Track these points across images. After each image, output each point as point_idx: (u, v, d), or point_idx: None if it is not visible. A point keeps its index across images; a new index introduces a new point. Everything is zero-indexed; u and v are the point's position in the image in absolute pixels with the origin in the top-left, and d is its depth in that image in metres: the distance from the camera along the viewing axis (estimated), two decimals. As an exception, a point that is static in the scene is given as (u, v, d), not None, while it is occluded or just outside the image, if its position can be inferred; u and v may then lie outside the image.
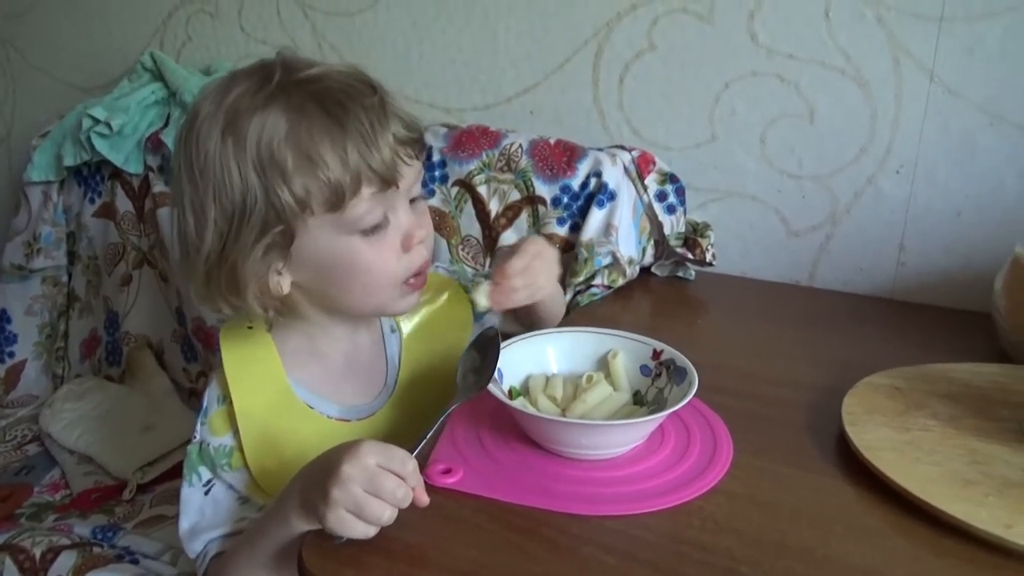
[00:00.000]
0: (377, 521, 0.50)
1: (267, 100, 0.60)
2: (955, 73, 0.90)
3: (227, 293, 0.62)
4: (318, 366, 0.70)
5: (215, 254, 0.61)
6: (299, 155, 0.59)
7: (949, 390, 0.69)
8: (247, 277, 0.61)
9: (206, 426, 0.67)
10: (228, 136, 0.59)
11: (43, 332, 1.35)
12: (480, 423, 0.65)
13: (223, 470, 0.66)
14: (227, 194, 0.59)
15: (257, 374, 0.68)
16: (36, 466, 1.14)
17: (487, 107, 1.16)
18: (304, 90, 0.60)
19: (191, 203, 0.61)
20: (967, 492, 0.55)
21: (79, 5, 1.43)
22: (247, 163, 0.59)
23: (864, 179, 0.97)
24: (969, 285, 0.94)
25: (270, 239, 0.60)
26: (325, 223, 0.61)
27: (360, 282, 0.64)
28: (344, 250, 0.62)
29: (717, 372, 0.68)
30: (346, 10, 1.21)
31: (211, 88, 0.62)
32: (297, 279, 0.64)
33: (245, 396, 0.66)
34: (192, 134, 0.61)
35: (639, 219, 1.01)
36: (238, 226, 0.59)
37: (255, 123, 0.59)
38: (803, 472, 0.61)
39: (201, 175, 0.60)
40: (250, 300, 0.62)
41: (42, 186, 1.31)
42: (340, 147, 0.59)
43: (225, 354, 0.68)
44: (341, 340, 0.71)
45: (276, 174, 0.58)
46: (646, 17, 1.03)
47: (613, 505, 0.55)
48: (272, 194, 0.59)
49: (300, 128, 0.59)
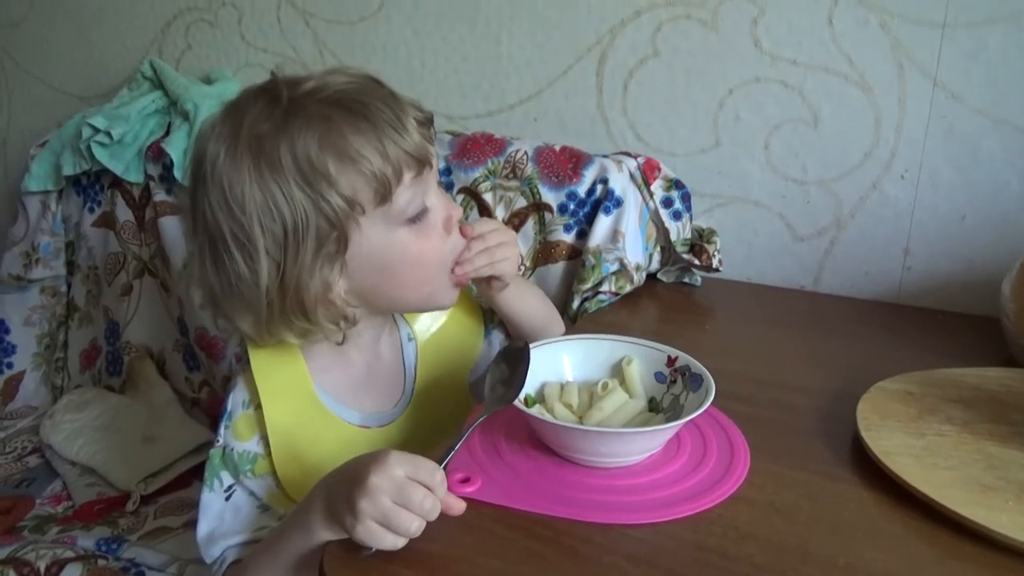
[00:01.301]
0: (406, 532, 0.50)
1: (285, 118, 0.60)
2: (958, 78, 0.91)
3: (295, 318, 0.62)
4: (342, 373, 0.71)
5: (275, 284, 0.61)
6: (339, 157, 0.59)
7: (961, 395, 0.70)
8: (314, 296, 0.62)
9: (230, 430, 0.67)
10: (260, 163, 0.59)
11: (42, 343, 1.34)
12: (496, 431, 0.64)
13: (246, 476, 0.65)
14: (275, 219, 0.59)
15: (284, 380, 0.68)
16: (37, 478, 1.13)
17: (490, 114, 1.16)
18: (317, 99, 0.61)
19: (235, 240, 0.60)
20: (987, 498, 0.55)
21: (77, 14, 1.42)
22: (289, 182, 0.59)
23: (869, 184, 0.98)
24: (975, 289, 0.94)
25: (327, 250, 0.61)
26: (375, 220, 0.62)
27: (413, 272, 0.66)
28: (397, 243, 0.64)
29: (727, 377, 0.68)
30: (348, 18, 1.21)
31: (214, 127, 0.62)
32: (352, 284, 0.65)
33: (273, 402, 0.66)
34: (216, 174, 0.60)
35: (645, 225, 1.01)
36: (295, 247, 0.60)
37: (284, 143, 0.59)
38: (820, 478, 0.61)
39: (242, 210, 0.59)
40: (321, 319, 0.63)
41: (40, 196, 1.30)
42: (375, 140, 0.60)
43: (253, 359, 0.67)
44: (366, 348, 0.72)
45: (321, 182, 0.59)
46: (650, 24, 1.03)
47: (633, 513, 0.55)
48: (322, 203, 0.59)
49: (331, 133, 0.60)
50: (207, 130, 0.62)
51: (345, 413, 0.69)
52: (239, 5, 1.28)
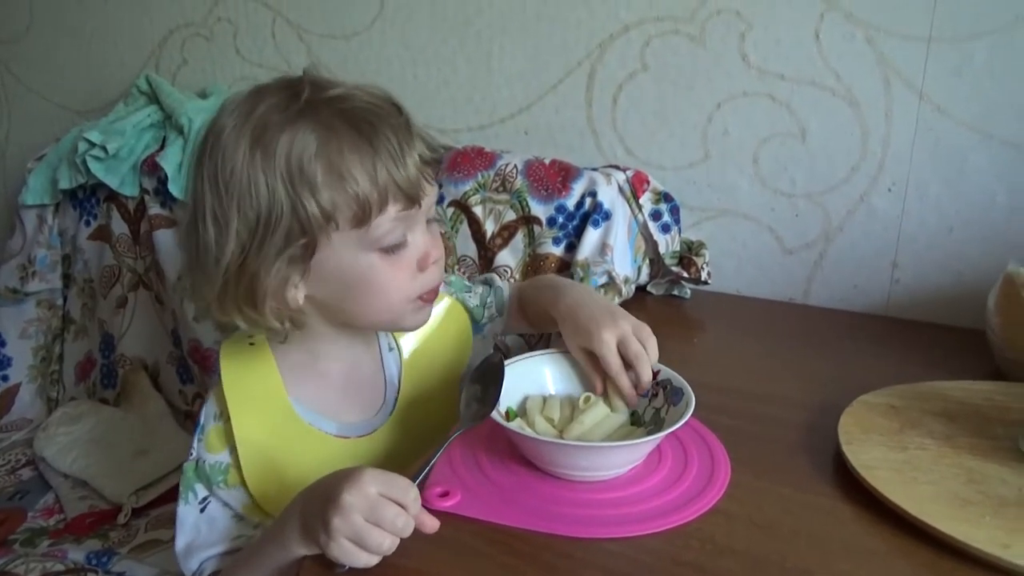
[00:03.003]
0: (378, 550, 0.50)
1: (296, 116, 0.60)
2: (944, 92, 0.91)
3: (244, 304, 0.62)
4: (318, 383, 0.70)
5: (235, 265, 0.61)
6: (329, 170, 0.60)
7: (945, 408, 0.70)
8: (266, 288, 0.62)
9: (203, 443, 0.67)
10: (256, 149, 0.60)
11: (38, 355, 1.35)
12: (477, 445, 0.64)
13: (219, 487, 0.66)
14: (252, 205, 0.60)
15: (257, 392, 0.68)
16: (30, 491, 1.13)
17: (481, 128, 1.17)
18: (332, 108, 0.61)
19: (213, 213, 0.61)
20: (965, 512, 0.55)
21: (74, 28, 1.43)
22: (275, 175, 0.59)
23: (856, 197, 0.98)
24: (962, 302, 0.95)
25: (292, 251, 0.61)
26: (348, 238, 0.62)
27: (374, 298, 0.65)
28: (364, 266, 0.63)
29: (713, 391, 0.68)
30: (341, 33, 1.22)
31: (235, 103, 0.63)
32: (312, 292, 0.65)
33: (244, 415, 0.66)
34: (217, 147, 0.61)
35: (634, 238, 1.02)
36: (262, 237, 0.60)
37: (284, 138, 0.59)
38: (801, 492, 0.61)
39: (226, 187, 0.60)
40: (267, 312, 0.63)
41: (37, 209, 1.31)
42: (369, 164, 0.60)
43: (224, 371, 0.68)
44: (341, 357, 0.71)
45: (305, 187, 0.59)
46: (638, 38, 1.04)
47: (612, 527, 0.55)
48: (299, 206, 0.59)
49: (330, 144, 0.60)
50: (228, 103, 0.63)
51: (321, 423, 0.69)
52: (234, 20, 1.30)
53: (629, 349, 0.65)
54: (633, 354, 0.65)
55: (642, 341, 0.66)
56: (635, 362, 0.65)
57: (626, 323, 0.67)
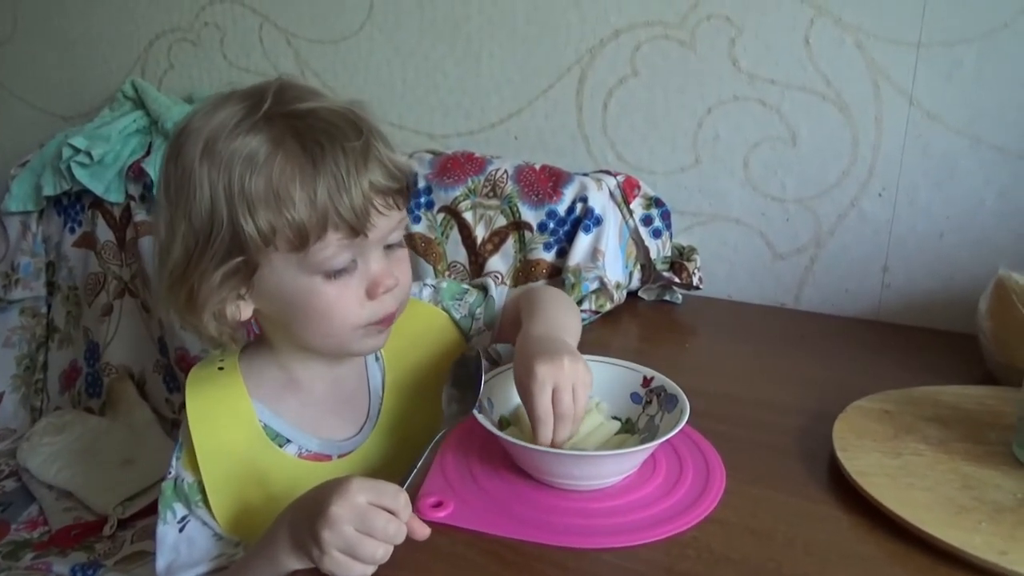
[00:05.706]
0: (372, 560, 0.49)
1: (250, 128, 0.59)
2: (934, 97, 0.91)
3: (184, 311, 0.62)
4: (296, 398, 0.68)
5: (179, 269, 0.60)
6: (268, 190, 0.57)
7: (938, 413, 0.69)
8: (204, 299, 0.60)
9: (180, 461, 0.65)
10: (206, 157, 0.58)
11: (21, 364, 1.33)
12: (470, 454, 0.64)
13: (197, 506, 0.64)
14: (196, 213, 0.58)
15: (223, 420, 0.65)
16: (13, 503, 1.11)
17: (471, 133, 1.16)
18: (288, 123, 0.59)
19: (165, 215, 0.61)
20: (960, 519, 0.55)
21: (59, 33, 1.42)
22: (219, 187, 0.58)
23: (847, 202, 0.98)
24: (953, 306, 0.95)
25: (231, 266, 0.59)
26: (289, 260, 0.59)
27: (318, 323, 0.62)
28: (305, 289, 0.60)
29: (706, 397, 0.67)
30: (330, 37, 1.21)
31: (204, 105, 0.62)
32: (260, 308, 0.63)
33: (208, 441, 0.64)
34: (176, 148, 0.60)
35: (625, 244, 1.01)
36: (203, 247, 0.59)
37: (233, 149, 0.58)
38: (796, 499, 0.60)
39: (177, 190, 0.59)
40: (206, 321, 0.62)
41: (20, 216, 1.29)
42: (310, 187, 0.57)
43: (189, 399, 0.65)
44: (320, 371, 0.69)
45: (243, 205, 0.57)
46: (628, 43, 1.04)
47: (607, 537, 0.55)
48: (237, 224, 0.57)
49: (274, 162, 0.58)
50: (200, 104, 0.62)
51: (302, 439, 0.67)
52: (221, 25, 1.29)
53: (561, 403, 0.58)
54: (559, 411, 0.58)
55: (576, 399, 0.59)
56: (558, 420, 0.58)
57: (569, 375, 0.59)
